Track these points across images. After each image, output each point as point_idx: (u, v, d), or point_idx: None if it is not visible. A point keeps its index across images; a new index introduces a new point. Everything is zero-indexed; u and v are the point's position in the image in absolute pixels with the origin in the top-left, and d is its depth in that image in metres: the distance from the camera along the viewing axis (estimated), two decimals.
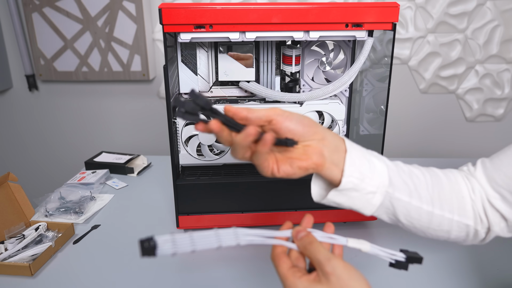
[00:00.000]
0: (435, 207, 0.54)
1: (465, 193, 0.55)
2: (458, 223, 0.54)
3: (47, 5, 1.30)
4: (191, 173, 0.86)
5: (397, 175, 0.53)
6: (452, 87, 1.35)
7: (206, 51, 0.83)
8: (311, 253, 0.45)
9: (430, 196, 0.54)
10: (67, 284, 0.73)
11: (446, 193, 0.55)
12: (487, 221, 0.54)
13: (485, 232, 0.55)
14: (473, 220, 0.55)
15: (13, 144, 1.55)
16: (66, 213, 0.94)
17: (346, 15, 0.69)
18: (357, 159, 0.52)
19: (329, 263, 0.43)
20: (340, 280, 0.42)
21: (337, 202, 0.55)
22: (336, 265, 0.43)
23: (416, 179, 0.54)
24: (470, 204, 0.55)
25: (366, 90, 0.90)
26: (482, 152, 1.45)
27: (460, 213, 0.54)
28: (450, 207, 0.54)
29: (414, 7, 1.27)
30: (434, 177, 0.56)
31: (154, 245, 0.41)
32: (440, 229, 0.55)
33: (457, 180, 0.57)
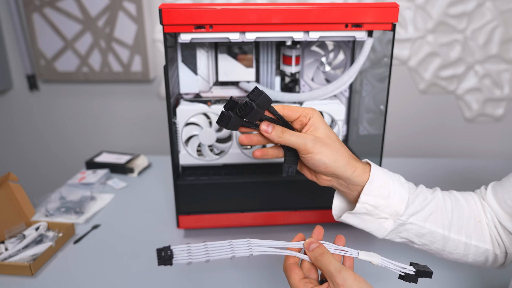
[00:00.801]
0: (452, 231, 0.54)
1: (482, 218, 0.56)
2: (476, 248, 0.55)
3: (48, 6, 1.30)
4: (191, 173, 0.86)
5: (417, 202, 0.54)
6: (451, 88, 1.36)
7: (206, 52, 0.84)
8: (322, 264, 0.45)
9: (448, 220, 0.54)
10: (67, 284, 0.73)
11: (464, 218, 0.55)
12: (504, 245, 0.55)
13: (503, 257, 0.55)
14: (491, 244, 0.55)
15: (14, 144, 1.55)
16: (66, 213, 0.94)
17: (346, 15, 0.70)
18: (376, 188, 0.53)
19: (339, 275, 0.43)
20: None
21: (350, 223, 0.56)
22: (347, 276, 0.43)
23: (435, 204, 0.55)
24: (487, 229, 0.55)
25: (365, 90, 0.90)
26: (481, 152, 1.46)
27: (478, 238, 0.55)
28: (468, 232, 0.55)
29: (413, 8, 1.27)
30: (454, 201, 0.56)
31: (171, 254, 0.42)
32: (456, 252, 0.55)
33: (476, 204, 0.57)
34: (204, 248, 0.44)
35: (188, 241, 0.85)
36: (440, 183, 1.10)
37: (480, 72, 1.33)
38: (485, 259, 0.56)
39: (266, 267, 0.77)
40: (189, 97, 0.87)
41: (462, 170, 1.20)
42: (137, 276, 0.75)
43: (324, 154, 0.51)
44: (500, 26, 1.28)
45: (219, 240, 0.46)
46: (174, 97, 0.82)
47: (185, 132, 0.82)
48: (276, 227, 0.90)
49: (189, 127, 0.82)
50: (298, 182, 0.83)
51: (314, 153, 0.50)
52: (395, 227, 0.54)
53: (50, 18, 1.32)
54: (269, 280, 0.73)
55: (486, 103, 1.37)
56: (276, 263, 0.78)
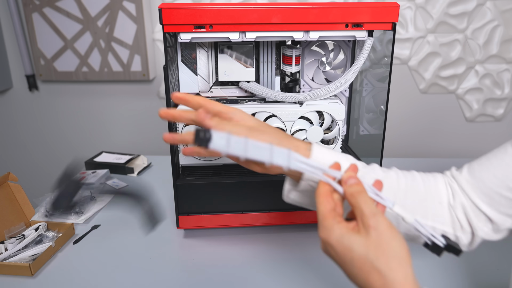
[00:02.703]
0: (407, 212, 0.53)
1: (443, 199, 0.54)
2: (433, 229, 0.52)
3: (47, 5, 1.30)
4: (191, 173, 0.86)
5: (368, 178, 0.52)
6: (452, 87, 1.35)
7: (206, 51, 0.83)
8: (357, 203, 0.42)
9: (400, 200, 0.53)
10: (67, 284, 0.73)
11: (421, 199, 0.54)
12: (470, 227, 0.53)
13: (468, 238, 0.54)
14: (451, 226, 0.53)
15: (13, 144, 1.55)
16: (66, 213, 0.94)
17: (346, 15, 0.70)
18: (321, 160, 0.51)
19: (373, 217, 0.40)
20: (380, 237, 0.39)
21: (300, 202, 0.55)
22: (381, 221, 0.40)
23: (388, 183, 0.53)
24: (448, 210, 0.54)
25: (366, 90, 0.90)
26: (481, 152, 1.45)
27: (434, 219, 0.53)
28: (423, 213, 0.53)
29: (414, 7, 1.27)
30: (410, 180, 0.55)
31: (209, 137, 0.41)
32: (411, 233, 0.53)
33: (437, 185, 0.56)
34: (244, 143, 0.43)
35: (188, 241, 0.85)
36: None
37: (481, 72, 1.33)
38: None
39: (268, 268, 0.77)
40: None
41: None
42: (137, 276, 0.75)
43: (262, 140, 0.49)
44: (501, 26, 1.27)
45: (219, 241, 0.46)
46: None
47: (185, 132, 0.82)
48: (276, 227, 0.89)
49: (189, 127, 0.82)
50: None
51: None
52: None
53: (50, 18, 1.32)
54: (270, 281, 0.73)
55: (487, 103, 1.37)
56: (280, 265, 0.78)
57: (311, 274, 0.75)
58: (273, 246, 0.83)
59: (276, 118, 0.81)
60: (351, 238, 0.40)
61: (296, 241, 0.85)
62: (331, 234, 0.41)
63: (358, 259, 0.40)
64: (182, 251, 0.82)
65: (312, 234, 0.87)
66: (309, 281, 0.73)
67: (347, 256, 0.40)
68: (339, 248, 0.41)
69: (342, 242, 0.41)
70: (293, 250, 0.82)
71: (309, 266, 0.77)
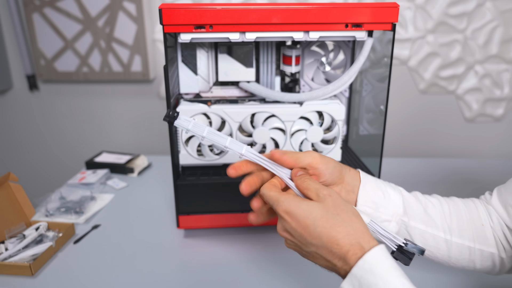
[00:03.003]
0: (453, 235, 0.54)
1: (484, 221, 0.55)
2: (480, 252, 0.54)
3: (48, 6, 1.30)
4: (191, 173, 0.86)
5: (413, 205, 0.54)
6: (451, 88, 1.36)
7: (206, 51, 0.84)
8: (309, 184, 0.48)
9: (448, 224, 0.54)
10: (67, 284, 0.73)
11: (465, 222, 0.55)
12: (510, 248, 0.54)
13: (510, 261, 0.55)
14: (496, 248, 0.54)
15: (14, 144, 1.55)
16: (66, 213, 0.94)
17: (346, 15, 0.70)
18: (371, 190, 0.53)
19: (326, 189, 0.47)
20: (336, 200, 0.45)
21: None
22: (332, 191, 0.47)
23: (433, 208, 0.55)
24: (491, 232, 0.55)
25: (365, 90, 0.90)
26: (481, 152, 1.46)
27: (481, 242, 0.54)
28: (470, 236, 0.54)
29: (413, 8, 1.27)
30: (452, 206, 0.56)
31: (176, 116, 0.50)
32: (462, 258, 0.55)
33: (477, 208, 0.57)
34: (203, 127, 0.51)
35: (188, 241, 0.85)
36: (440, 183, 1.11)
37: (480, 72, 1.33)
38: (492, 263, 0.55)
39: (268, 267, 0.77)
40: (189, 97, 0.87)
41: (462, 170, 1.20)
42: (137, 276, 0.75)
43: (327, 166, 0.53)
44: (500, 26, 1.27)
45: (219, 240, 0.48)
46: (174, 97, 0.82)
47: (185, 132, 0.82)
48: (276, 227, 0.89)
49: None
50: None
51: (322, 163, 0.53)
52: (399, 230, 0.54)
53: (50, 18, 1.32)
54: (270, 280, 0.74)
55: (486, 103, 1.37)
56: (280, 265, 0.78)
57: (311, 274, 0.75)
58: (273, 246, 0.83)
59: (276, 118, 0.81)
60: (309, 204, 0.46)
61: None
62: (290, 203, 0.46)
63: (319, 218, 0.44)
64: (182, 251, 0.82)
65: None
66: (309, 281, 0.73)
67: (308, 218, 0.44)
68: (299, 213, 0.45)
69: (301, 207, 0.45)
70: None
71: (309, 266, 0.77)
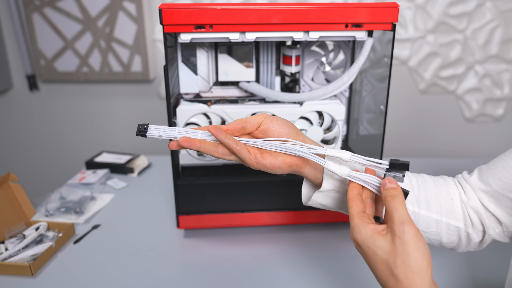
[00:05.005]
0: (421, 207, 0.54)
1: (454, 196, 0.56)
2: (447, 225, 0.55)
3: (48, 6, 1.30)
4: (191, 173, 0.86)
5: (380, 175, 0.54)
6: (451, 88, 1.36)
7: (206, 51, 0.84)
8: (389, 207, 0.44)
9: (416, 197, 0.55)
10: (67, 284, 0.73)
11: (432, 195, 0.55)
12: (482, 225, 0.55)
13: (480, 236, 0.56)
14: (463, 222, 0.55)
15: (14, 144, 1.55)
16: (66, 213, 0.94)
17: (346, 15, 0.70)
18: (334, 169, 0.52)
19: (401, 226, 0.42)
20: (403, 246, 0.41)
21: (322, 204, 0.56)
22: (408, 230, 0.41)
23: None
24: (460, 207, 0.55)
25: (365, 90, 0.90)
26: (481, 152, 1.46)
27: (448, 215, 0.55)
28: (438, 209, 0.55)
29: (413, 8, 1.27)
30: (420, 180, 0.57)
31: (146, 128, 0.52)
32: (429, 231, 0.55)
33: (446, 183, 0.57)
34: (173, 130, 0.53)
35: (188, 241, 0.85)
36: None
37: (480, 72, 1.33)
38: (458, 238, 0.56)
39: (267, 267, 0.77)
40: (189, 97, 0.87)
41: (462, 170, 1.19)
42: (137, 276, 0.75)
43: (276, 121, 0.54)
44: (500, 26, 1.27)
45: (219, 240, 0.47)
46: (174, 97, 0.82)
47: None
48: (276, 227, 0.90)
49: (189, 127, 0.82)
50: (299, 182, 0.82)
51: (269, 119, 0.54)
52: None
53: (50, 18, 1.32)
54: (270, 280, 0.74)
55: (486, 103, 1.37)
56: (280, 265, 0.78)
57: (311, 273, 0.75)
58: (273, 246, 0.83)
59: None
60: (376, 242, 0.43)
61: (296, 240, 0.85)
62: (358, 234, 0.44)
63: (381, 262, 0.42)
64: (182, 251, 0.82)
65: (312, 234, 0.87)
66: (309, 280, 0.73)
67: (371, 257, 0.43)
68: (365, 248, 0.44)
69: (367, 243, 0.43)
70: (293, 249, 0.82)
71: (310, 265, 0.77)
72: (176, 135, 0.53)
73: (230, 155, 0.53)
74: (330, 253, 0.81)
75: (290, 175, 0.84)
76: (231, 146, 0.51)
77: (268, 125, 0.54)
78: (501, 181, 0.53)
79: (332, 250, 0.82)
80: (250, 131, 0.54)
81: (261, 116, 0.54)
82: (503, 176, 0.53)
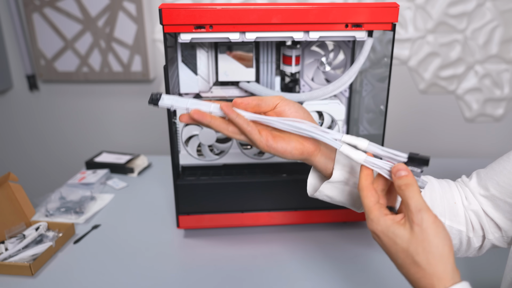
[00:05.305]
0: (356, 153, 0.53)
1: (457, 199, 0.56)
2: (450, 228, 0.54)
3: (48, 6, 1.30)
4: (191, 173, 0.86)
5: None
6: (451, 88, 1.36)
7: (206, 51, 0.84)
8: (405, 196, 0.43)
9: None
10: (67, 284, 0.73)
11: (437, 197, 0.55)
12: (482, 230, 0.55)
13: (479, 241, 0.55)
14: (465, 226, 0.55)
15: (14, 144, 1.55)
16: (66, 213, 0.94)
17: (346, 15, 0.70)
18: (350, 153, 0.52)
19: (418, 214, 0.41)
20: (423, 233, 0.41)
21: (329, 196, 0.55)
22: (426, 217, 0.41)
23: None
24: (463, 211, 0.55)
25: (365, 90, 0.90)
26: (481, 152, 1.45)
27: (451, 218, 0.54)
28: (442, 211, 0.54)
29: (413, 8, 1.27)
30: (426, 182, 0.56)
31: (159, 98, 0.52)
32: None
33: (450, 187, 0.57)
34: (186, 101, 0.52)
35: (188, 241, 0.85)
36: None
37: (480, 72, 1.33)
38: (459, 242, 0.55)
39: (267, 267, 0.77)
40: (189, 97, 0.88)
41: (462, 170, 1.19)
42: (137, 276, 0.75)
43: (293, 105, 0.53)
44: (500, 26, 1.27)
45: (219, 240, 0.46)
46: None
47: (185, 132, 0.82)
48: (276, 227, 0.90)
49: (189, 127, 0.82)
50: (299, 181, 0.82)
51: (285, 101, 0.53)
52: None
53: (50, 18, 1.32)
54: (270, 280, 0.73)
55: (486, 103, 1.37)
56: (280, 265, 0.78)
57: (311, 274, 0.75)
58: (273, 246, 0.83)
59: None
60: (396, 231, 0.42)
61: (296, 240, 0.85)
62: (377, 226, 0.43)
63: (401, 251, 0.42)
64: (182, 251, 0.82)
65: (312, 234, 0.87)
66: (309, 280, 0.73)
67: (392, 247, 0.43)
68: (384, 239, 0.43)
69: (387, 234, 0.43)
70: (293, 249, 0.82)
71: (310, 265, 0.77)
72: (188, 106, 0.51)
73: (240, 135, 0.51)
74: (331, 253, 0.81)
75: (291, 175, 0.84)
76: (242, 126, 0.50)
77: (284, 107, 0.53)
78: (499, 185, 0.53)
79: (333, 250, 0.82)
80: (265, 111, 0.53)
81: (277, 98, 0.53)
82: (501, 181, 0.53)
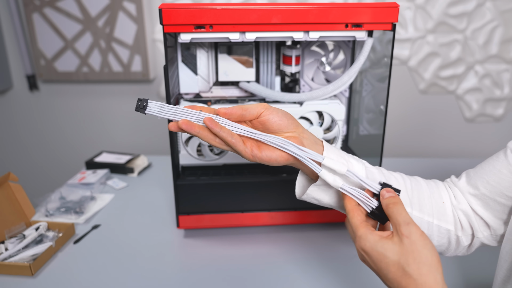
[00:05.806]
0: (414, 209, 0.54)
1: (445, 199, 0.56)
2: (438, 228, 0.55)
3: (48, 6, 1.30)
4: (191, 173, 0.86)
5: (376, 176, 0.54)
6: (451, 88, 1.36)
7: (206, 51, 0.84)
8: (393, 212, 0.45)
9: (409, 198, 0.55)
10: (67, 284, 0.73)
11: (425, 197, 0.56)
12: (471, 228, 0.55)
13: (469, 239, 0.56)
14: (454, 225, 0.55)
15: (14, 144, 1.55)
16: (66, 213, 0.94)
17: (346, 15, 0.70)
18: (335, 157, 0.53)
19: (407, 227, 0.43)
20: (413, 245, 0.42)
21: (316, 198, 0.55)
22: (414, 230, 0.43)
23: (395, 181, 0.55)
24: (451, 210, 0.56)
25: (365, 90, 0.90)
26: (481, 152, 1.45)
27: (439, 218, 0.55)
28: (430, 211, 0.55)
29: (413, 8, 1.27)
30: (414, 182, 0.57)
31: (146, 105, 0.52)
32: None
33: (438, 187, 0.58)
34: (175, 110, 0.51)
35: (188, 241, 0.85)
36: None
37: (480, 72, 1.33)
38: (447, 241, 0.56)
39: (267, 268, 0.77)
40: (189, 97, 0.87)
41: (462, 170, 1.19)
42: (137, 276, 0.75)
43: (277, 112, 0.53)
44: (500, 26, 1.27)
45: (219, 240, 0.46)
46: (174, 97, 0.82)
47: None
48: (276, 227, 0.90)
49: None
50: None
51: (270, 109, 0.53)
52: None
53: (50, 18, 1.32)
54: (270, 281, 0.74)
55: (486, 103, 1.37)
56: (280, 265, 0.78)
57: (311, 274, 0.75)
58: (273, 246, 0.83)
59: None
60: (385, 245, 0.43)
61: (296, 241, 0.85)
62: (366, 242, 0.45)
63: (392, 264, 0.42)
64: (182, 251, 0.82)
65: (312, 234, 0.87)
66: (309, 280, 0.73)
67: (382, 262, 0.43)
68: (374, 254, 0.44)
69: (376, 249, 0.44)
70: (293, 249, 0.82)
71: (309, 266, 0.77)
72: (176, 117, 0.51)
73: (227, 146, 0.52)
74: (330, 253, 0.81)
75: (291, 175, 0.84)
76: (226, 139, 0.51)
77: (268, 116, 0.53)
78: (489, 184, 0.54)
79: (332, 250, 0.82)
80: (249, 120, 0.53)
81: (262, 107, 0.53)
82: (491, 180, 0.54)
